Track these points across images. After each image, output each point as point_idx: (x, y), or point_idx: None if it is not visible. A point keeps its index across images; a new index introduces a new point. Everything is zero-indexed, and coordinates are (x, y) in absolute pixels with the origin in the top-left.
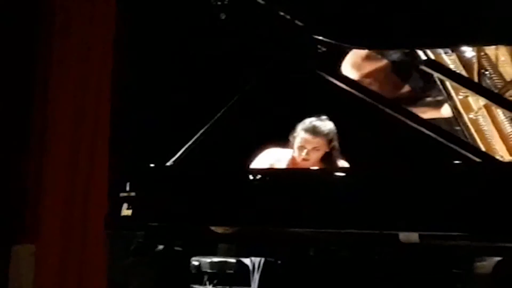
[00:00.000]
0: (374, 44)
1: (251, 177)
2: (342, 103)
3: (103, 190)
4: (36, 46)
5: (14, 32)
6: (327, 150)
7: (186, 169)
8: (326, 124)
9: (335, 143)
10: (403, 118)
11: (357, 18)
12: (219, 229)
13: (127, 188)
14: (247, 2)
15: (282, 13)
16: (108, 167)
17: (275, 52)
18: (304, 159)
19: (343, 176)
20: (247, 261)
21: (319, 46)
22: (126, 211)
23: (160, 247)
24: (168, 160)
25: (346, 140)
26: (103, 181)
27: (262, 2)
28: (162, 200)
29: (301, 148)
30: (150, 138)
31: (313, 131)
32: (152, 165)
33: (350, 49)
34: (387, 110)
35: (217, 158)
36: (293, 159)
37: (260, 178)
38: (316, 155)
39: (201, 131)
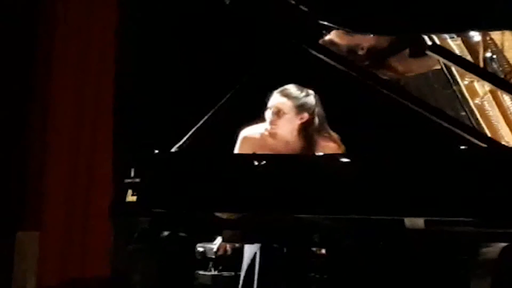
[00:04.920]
0: (379, 29)
1: (255, 162)
2: (349, 89)
3: (107, 176)
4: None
5: (14, 30)
6: (298, 121)
7: (191, 155)
8: (301, 91)
9: (308, 115)
10: (406, 102)
11: (361, 3)
12: (224, 215)
13: (132, 174)
14: None
15: None
16: (112, 153)
17: (278, 38)
18: (272, 125)
19: (347, 161)
20: (252, 247)
21: (323, 32)
22: (130, 197)
23: (165, 233)
24: (173, 146)
25: (354, 124)
26: (107, 167)
27: None
28: (167, 186)
29: (269, 114)
30: (155, 124)
31: (282, 92)
32: (156, 151)
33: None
34: (393, 95)
35: (222, 144)
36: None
37: (265, 164)
38: (285, 125)
39: (206, 117)
